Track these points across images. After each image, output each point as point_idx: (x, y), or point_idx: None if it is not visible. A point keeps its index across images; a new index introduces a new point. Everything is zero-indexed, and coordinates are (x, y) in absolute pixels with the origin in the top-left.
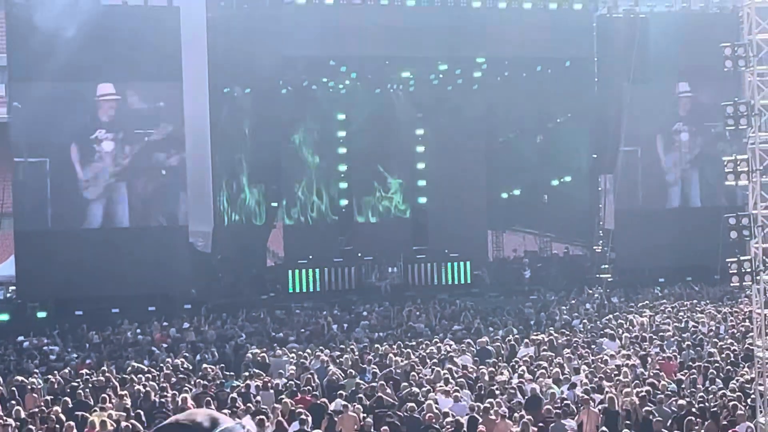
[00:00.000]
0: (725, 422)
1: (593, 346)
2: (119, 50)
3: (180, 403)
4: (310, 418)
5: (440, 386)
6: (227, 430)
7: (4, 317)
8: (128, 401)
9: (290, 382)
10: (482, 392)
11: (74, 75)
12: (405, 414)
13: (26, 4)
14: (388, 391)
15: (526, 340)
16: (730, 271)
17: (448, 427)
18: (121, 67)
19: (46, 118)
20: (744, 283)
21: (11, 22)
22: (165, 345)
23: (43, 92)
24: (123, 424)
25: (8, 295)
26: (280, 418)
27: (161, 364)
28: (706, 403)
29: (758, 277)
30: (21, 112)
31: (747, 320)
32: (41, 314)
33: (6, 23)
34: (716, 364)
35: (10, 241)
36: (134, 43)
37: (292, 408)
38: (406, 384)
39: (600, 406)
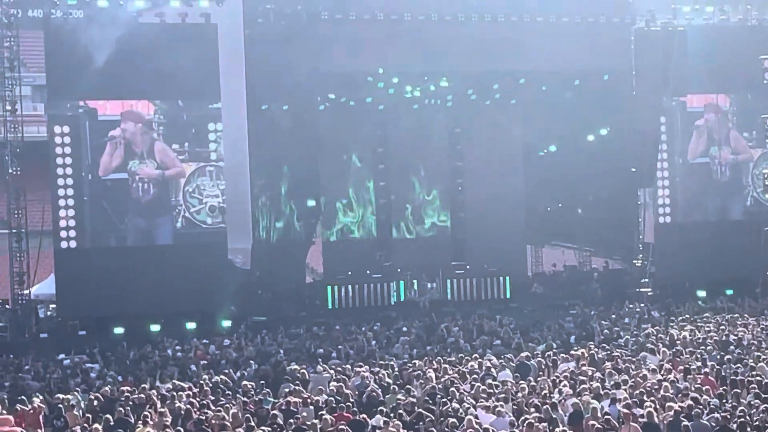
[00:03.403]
0: None
1: (634, 361)
2: (157, 68)
3: (225, 419)
4: None
5: (481, 402)
6: None
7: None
8: (169, 419)
9: (330, 398)
10: (522, 407)
11: (113, 93)
12: (446, 429)
13: (64, 23)
14: (429, 406)
15: (565, 355)
16: None
17: None
18: (160, 85)
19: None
20: None
21: (50, 41)
22: (204, 362)
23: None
24: None
25: (49, 313)
26: None
27: (201, 381)
28: (747, 417)
29: None
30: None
31: None
32: (81, 332)
33: (45, 42)
34: (758, 378)
35: (50, 259)
36: (172, 60)
37: (332, 425)
38: (446, 399)
39: (641, 421)
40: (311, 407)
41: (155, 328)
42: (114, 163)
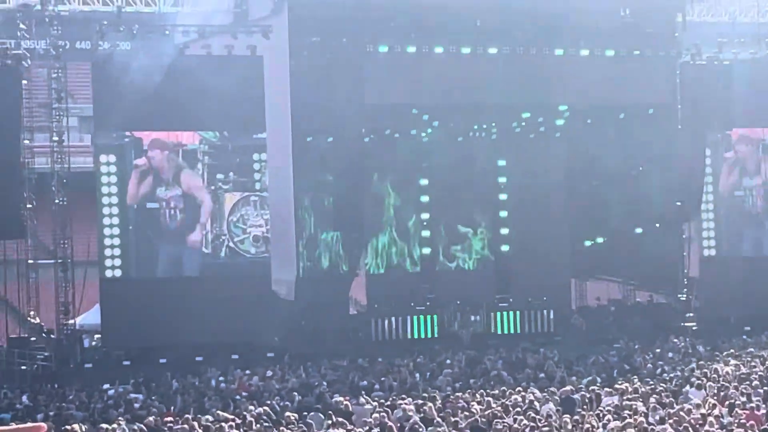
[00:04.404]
0: None
1: (679, 395)
2: (203, 99)
3: None
4: None
5: None
6: None
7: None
8: None
9: (373, 430)
10: None
11: (158, 124)
12: None
13: (112, 55)
14: None
15: (609, 389)
16: None
17: None
18: (205, 116)
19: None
20: None
21: (97, 72)
22: (247, 393)
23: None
24: None
25: (93, 343)
26: None
27: (244, 413)
28: None
29: None
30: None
31: None
32: (126, 362)
33: (92, 74)
34: None
35: (96, 289)
36: (218, 92)
37: None
38: None
39: None
40: None
41: (199, 358)
42: (142, 191)
